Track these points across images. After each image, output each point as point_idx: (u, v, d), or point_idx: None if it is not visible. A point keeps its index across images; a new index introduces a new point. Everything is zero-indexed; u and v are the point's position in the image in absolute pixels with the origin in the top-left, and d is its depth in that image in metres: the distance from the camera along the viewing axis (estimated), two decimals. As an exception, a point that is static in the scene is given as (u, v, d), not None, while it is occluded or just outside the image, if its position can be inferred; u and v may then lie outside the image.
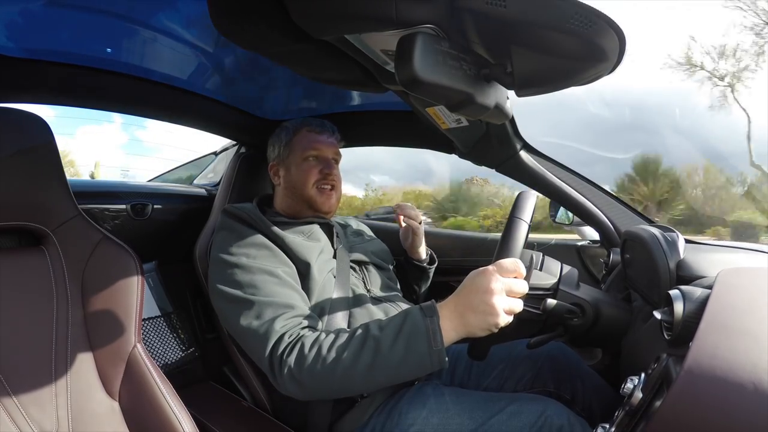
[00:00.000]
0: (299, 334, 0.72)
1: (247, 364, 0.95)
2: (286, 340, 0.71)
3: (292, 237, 0.86)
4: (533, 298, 0.78)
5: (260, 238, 0.85)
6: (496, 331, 0.62)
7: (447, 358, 0.64)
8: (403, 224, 1.05)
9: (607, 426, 0.54)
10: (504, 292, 0.61)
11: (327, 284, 0.86)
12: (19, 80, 0.85)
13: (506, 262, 0.63)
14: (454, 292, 0.66)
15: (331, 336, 0.70)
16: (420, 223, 1.06)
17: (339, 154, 1.01)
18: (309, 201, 0.95)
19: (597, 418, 0.82)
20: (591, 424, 0.71)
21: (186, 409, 0.68)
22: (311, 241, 0.90)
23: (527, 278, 0.67)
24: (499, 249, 0.67)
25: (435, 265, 1.14)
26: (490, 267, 0.63)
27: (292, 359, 0.69)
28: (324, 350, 0.68)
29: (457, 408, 0.74)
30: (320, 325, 0.79)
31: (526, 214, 0.68)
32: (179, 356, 1.11)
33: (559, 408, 0.72)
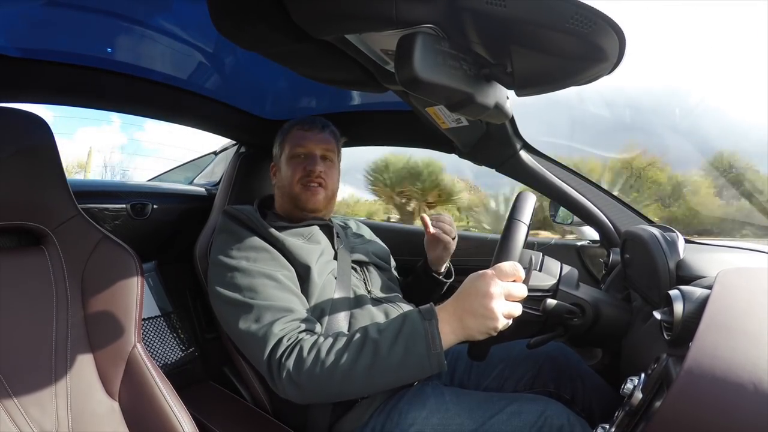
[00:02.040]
0: (298, 337, 0.72)
1: (247, 365, 0.95)
2: (285, 343, 0.71)
3: (292, 240, 0.86)
4: (533, 298, 0.78)
5: (260, 241, 0.85)
6: (494, 334, 0.62)
7: (445, 362, 0.64)
8: (432, 230, 0.97)
9: (607, 426, 0.54)
10: (503, 296, 0.61)
11: (328, 286, 0.86)
12: (19, 80, 0.85)
13: (505, 265, 0.63)
14: (452, 296, 0.66)
15: (330, 339, 0.70)
16: (453, 239, 0.99)
17: (331, 150, 0.98)
18: (294, 199, 0.94)
19: (597, 418, 0.82)
20: (591, 425, 0.71)
21: (186, 409, 0.68)
22: (311, 244, 0.90)
23: (526, 280, 0.67)
24: (498, 251, 0.67)
25: (451, 279, 1.08)
26: (489, 271, 0.63)
27: (290, 362, 0.69)
28: (323, 353, 0.68)
29: (457, 408, 0.74)
30: (319, 329, 0.79)
31: (525, 216, 0.68)
32: (179, 356, 1.10)
33: (559, 408, 0.72)
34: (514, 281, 0.63)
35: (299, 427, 0.85)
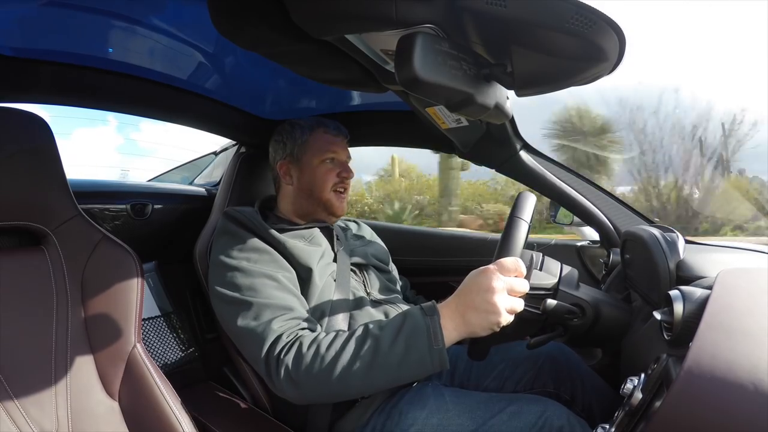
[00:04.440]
0: (297, 334, 0.72)
1: (247, 365, 0.95)
2: (284, 339, 0.71)
3: (293, 242, 0.86)
4: (533, 298, 0.78)
5: (261, 242, 0.85)
6: (497, 330, 0.62)
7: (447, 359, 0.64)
8: None
9: (607, 426, 0.54)
10: (505, 290, 0.61)
11: (327, 288, 0.86)
12: (19, 80, 0.85)
13: (507, 260, 0.63)
14: (454, 292, 0.66)
15: (330, 336, 0.70)
16: None
17: (350, 157, 1.01)
18: (326, 204, 0.95)
19: (597, 418, 0.82)
20: (591, 425, 0.71)
21: (186, 409, 0.68)
22: (312, 246, 0.90)
23: (527, 278, 0.68)
24: (500, 248, 0.67)
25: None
26: (491, 266, 0.63)
27: (289, 359, 0.69)
28: (322, 349, 0.67)
29: (457, 408, 0.74)
30: (319, 328, 0.79)
31: (526, 214, 0.68)
32: (179, 356, 1.10)
33: (559, 408, 0.72)
34: (516, 276, 0.63)
35: (299, 427, 0.85)
